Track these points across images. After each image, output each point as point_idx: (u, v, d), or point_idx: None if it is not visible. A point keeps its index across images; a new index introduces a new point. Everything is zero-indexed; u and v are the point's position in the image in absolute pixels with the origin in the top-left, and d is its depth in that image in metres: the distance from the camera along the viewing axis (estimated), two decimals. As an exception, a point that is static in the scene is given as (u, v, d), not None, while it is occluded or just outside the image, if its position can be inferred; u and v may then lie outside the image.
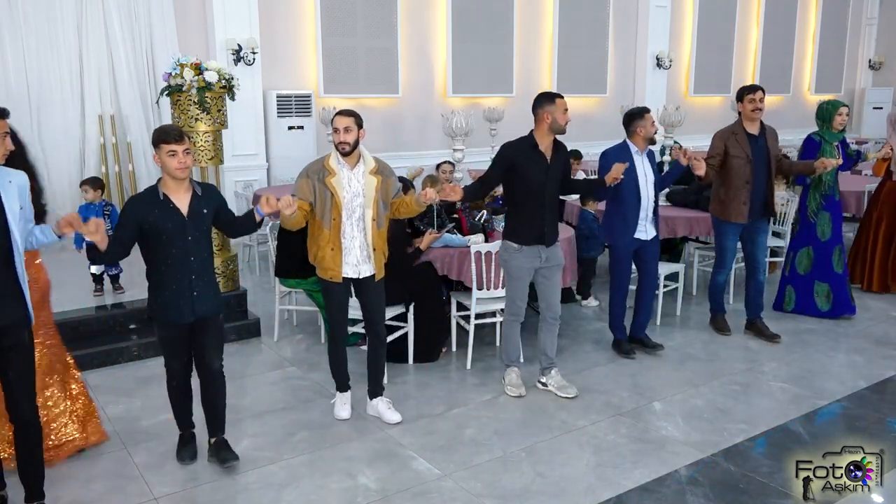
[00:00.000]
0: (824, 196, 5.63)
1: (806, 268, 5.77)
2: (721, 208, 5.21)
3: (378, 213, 3.86)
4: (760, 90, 5.08)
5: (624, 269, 4.92)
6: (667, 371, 4.82)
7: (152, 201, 3.32)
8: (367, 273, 3.92)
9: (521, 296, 4.35)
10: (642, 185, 4.70)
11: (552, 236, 4.27)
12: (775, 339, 5.28)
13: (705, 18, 13.10)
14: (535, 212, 4.18)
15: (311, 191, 3.77)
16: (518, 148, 4.19)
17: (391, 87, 9.77)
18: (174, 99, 5.34)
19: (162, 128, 3.35)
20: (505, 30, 10.68)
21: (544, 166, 4.16)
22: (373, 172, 3.83)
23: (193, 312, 3.40)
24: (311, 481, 3.49)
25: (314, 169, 3.83)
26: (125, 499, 3.35)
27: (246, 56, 8.36)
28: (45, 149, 7.78)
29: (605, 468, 3.59)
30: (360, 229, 3.85)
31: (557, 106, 4.13)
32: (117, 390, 4.51)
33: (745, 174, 5.05)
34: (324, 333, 5.35)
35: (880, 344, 5.27)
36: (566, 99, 4.29)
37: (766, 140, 5.12)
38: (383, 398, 4.17)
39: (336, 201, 3.76)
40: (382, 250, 3.98)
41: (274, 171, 8.78)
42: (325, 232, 3.82)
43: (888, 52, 16.12)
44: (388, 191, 3.91)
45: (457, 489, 3.41)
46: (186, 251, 3.34)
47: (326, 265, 3.87)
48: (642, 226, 4.78)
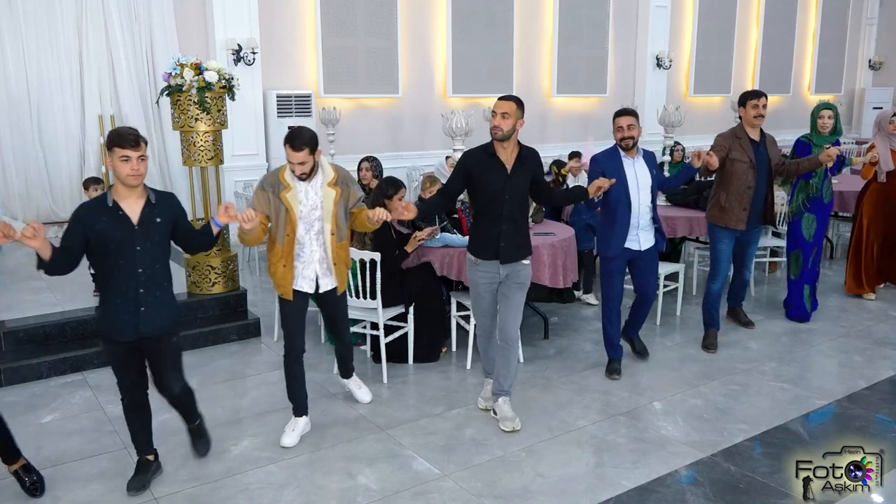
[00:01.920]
0: (810, 198, 5.57)
1: (796, 272, 5.73)
2: (720, 214, 5.03)
3: (338, 226, 3.70)
4: (764, 96, 4.98)
5: (614, 282, 4.57)
6: (667, 371, 4.82)
7: (101, 208, 3.10)
8: (327, 286, 3.80)
9: (482, 311, 4.02)
10: (633, 192, 4.39)
11: (511, 252, 3.86)
12: (749, 324, 5.54)
13: (705, 18, 13.10)
14: (491, 224, 3.83)
15: (268, 203, 3.62)
16: (476, 156, 3.86)
17: (391, 87, 9.77)
18: (174, 99, 5.34)
19: (117, 130, 3.15)
20: (505, 30, 10.69)
21: (503, 176, 3.79)
22: (332, 184, 3.66)
23: (137, 330, 3.16)
24: (311, 481, 3.49)
25: (270, 181, 3.66)
26: (125, 499, 3.34)
27: (246, 56, 8.36)
28: (45, 149, 7.79)
29: (605, 468, 3.59)
30: (320, 243, 3.71)
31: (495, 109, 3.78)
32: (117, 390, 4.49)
33: (749, 179, 4.92)
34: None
35: (880, 344, 5.27)
36: (566, 99, 4.26)
37: (766, 147, 5.02)
38: (354, 378, 4.29)
39: (290, 217, 3.60)
40: (346, 263, 3.84)
41: (274, 171, 8.77)
42: (277, 248, 3.66)
43: (888, 52, 16.12)
44: (349, 201, 3.77)
45: (457, 489, 3.41)
46: (134, 262, 3.10)
47: (278, 281, 3.73)
48: (633, 234, 4.46)
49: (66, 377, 4.71)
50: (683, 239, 6.75)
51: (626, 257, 4.52)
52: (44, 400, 4.38)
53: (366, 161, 5.83)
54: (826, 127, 5.44)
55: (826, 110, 5.46)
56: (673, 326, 5.71)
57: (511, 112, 3.71)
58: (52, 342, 4.92)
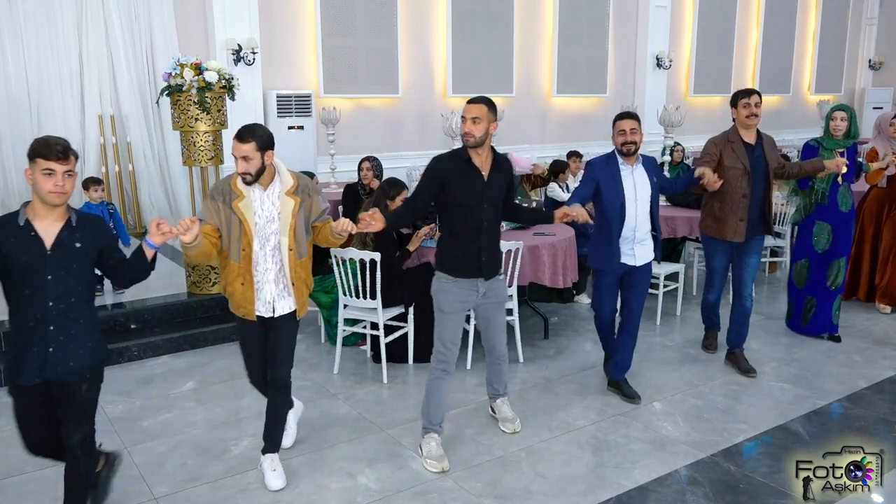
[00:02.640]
0: (816, 204, 5.17)
1: (801, 282, 5.38)
2: (715, 225, 4.65)
3: (297, 240, 3.26)
4: (756, 94, 4.56)
5: (603, 298, 4.28)
6: (667, 371, 4.82)
7: (10, 226, 2.66)
8: (283, 310, 3.33)
9: (451, 338, 3.59)
10: (630, 202, 4.06)
11: (492, 267, 3.61)
12: (751, 372, 4.72)
13: (705, 18, 13.10)
14: (470, 239, 3.51)
15: (218, 214, 3.19)
16: (449, 163, 3.52)
17: (391, 87, 9.77)
18: (174, 99, 5.34)
19: (44, 139, 2.66)
20: (505, 30, 10.68)
21: (480, 185, 3.49)
22: (290, 193, 3.22)
23: (41, 372, 2.71)
24: (311, 481, 3.49)
25: (220, 189, 3.22)
26: (125, 499, 3.34)
27: (246, 56, 8.36)
28: (45, 149, 7.78)
29: (605, 468, 3.59)
30: (276, 260, 3.26)
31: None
32: (117, 390, 4.50)
33: (743, 187, 4.51)
34: (323, 333, 5.35)
35: (880, 344, 5.27)
36: (566, 99, 4.19)
37: (763, 150, 4.60)
38: (270, 455, 3.48)
39: (245, 229, 3.17)
40: (306, 283, 3.39)
41: (274, 171, 8.78)
42: (232, 265, 3.23)
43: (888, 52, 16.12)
44: (311, 213, 3.32)
45: (457, 489, 3.41)
46: (43, 293, 2.65)
47: (237, 301, 3.31)
48: (628, 248, 4.13)
49: (66, 377, 4.70)
50: (684, 239, 6.75)
51: (620, 272, 4.19)
52: (44, 400, 4.37)
53: (366, 161, 5.83)
54: (839, 130, 5.01)
55: (839, 112, 5.05)
56: (673, 326, 5.71)
57: (482, 116, 3.40)
58: (52, 342, 4.91)
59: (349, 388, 4.55)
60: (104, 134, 7.91)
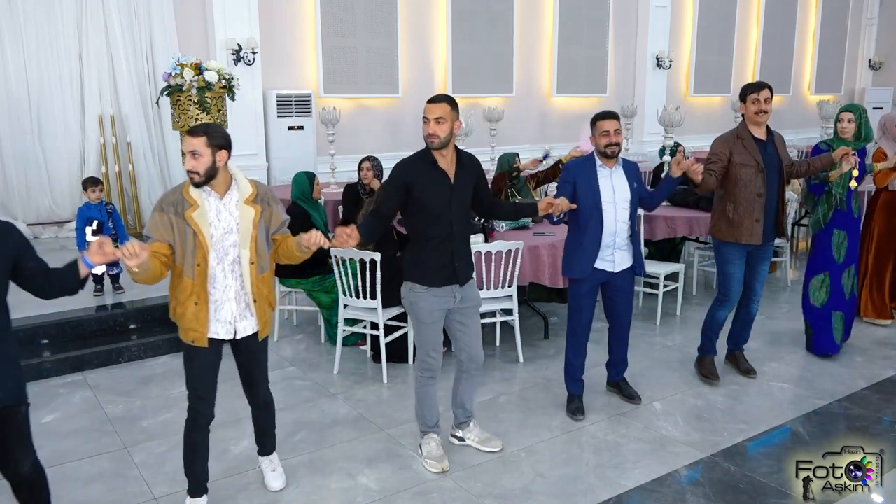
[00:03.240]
0: (835, 210, 4.81)
1: (822, 299, 4.93)
2: (729, 229, 4.32)
3: (258, 253, 2.99)
4: (767, 88, 4.27)
5: (581, 307, 4.02)
6: (667, 371, 4.82)
7: None
8: (246, 331, 3.07)
9: (434, 345, 3.51)
10: (607, 206, 3.86)
11: (466, 272, 3.48)
12: (751, 373, 4.67)
13: (705, 18, 13.11)
14: (442, 245, 3.38)
15: (168, 228, 2.88)
16: (414, 166, 3.36)
17: (391, 87, 9.78)
18: (174, 99, 5.35)
19: None
20: (505, 30, 10.69)
21: (447, 188, 3.35)
22: (250, 201, 2.97)
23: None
24: (311, 481, 3.49)
25: (170, 200, 2.91)
26: (125, 499, 3.35)
27: (246, 56, 8.36)
28: (45, 149, 7.79)
29: (605, 468, 3.59)
30: (236, 276, 2.98)
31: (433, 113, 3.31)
32: (117, 390, 4.51)
33: (758, 185, 4.22)
34: (323, 333, 5.36)
35: (880, 344, 5.27)
36: (566, 99, 4.14)
37: (775, 146, 4.35)
38: (269, 457, 3.47)
39: (200, 241, 2.88)
40: (269, 300, 3.12)
41: (274, 172, 8.79)
42: (186, 282, 2.92)
43: (888, 52, 16.13)
44: (271, 224, 3.07)
45: (457, 489, 3.41)
46: None
47: (188, 324, 2.96)
48: (608, 254, 3.92)
49: (66, 377, 4.71)
50: (683, 239, 6.75)
51: (597, 280, 3.98)
52: (44, 400, 4.38)
53: (367, 160, 5.83)
54: (846, 131, 4.77)
55: (846, 113, 4.79)
56: (673, 326, 5.70)
57: (446, 115, 3.26)
58: (52, 342, 4.92)
59: (349, 388, 4.55)
60: (104, 134, 7.91)
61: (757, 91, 4.26)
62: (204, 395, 3.08)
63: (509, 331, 5.29)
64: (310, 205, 5.09)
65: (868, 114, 4.93)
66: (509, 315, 4.96)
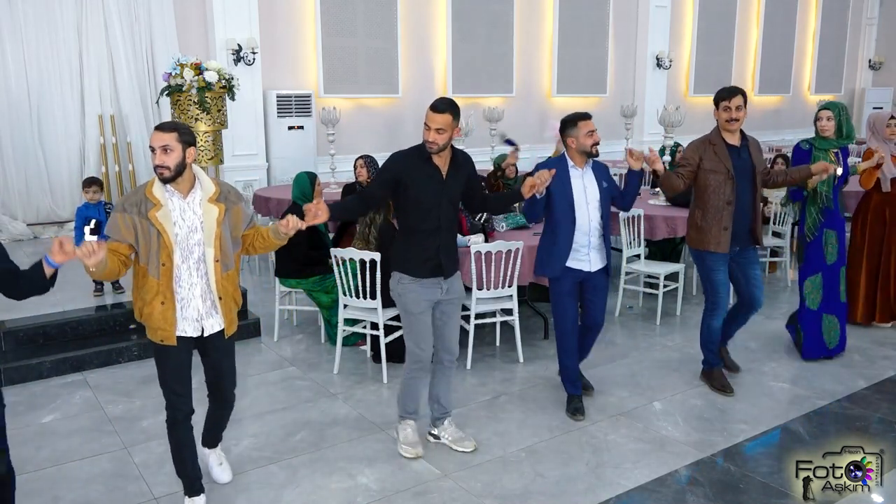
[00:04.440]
0: (822, 211, 4.73)
1: (816, 300, 4.84)
2: (699, 236, 4.27)
3: (223, 251, 3.01)
4: (739, 94, 4.15)
5: (565, 307, 4.01)
6: (667, 371, 4.82)
7: None
8: (213, 328, 3.09)
9: (423, 337, 3.58)
10: (580, 205, 3.89)
11: (452, 266, 3.57)
12: (735, 369, 4.68)
13: (705, 18, 13.11)
14: (429, 238, 3.48)
15: (130, 229, 2.89)
16: (408, 160, 3.46)
17: (391, 87, 9.78)
18: (174, 99, 5.35)
19: None
20: (505, 30, 10.69)
21: (439, 184, 3.44)
22: (213, 200, 2.99)
23: None
24: (311, 481, 3.49)
25: (133, 200, 2.92)
26: (125, 499, 3.34)
27: (246, 56, 8.37)
28: (45, 149, 7.80)
29: (605, 468, 3.59)
30: (201, 274, 3.00)
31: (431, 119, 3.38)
32: (117, 390, 4.51)
33: (726, 193, 4.15)
34: (323, 333, 5.36)
35: (880, 344, 5.27)
36: (566, 99, 4.14)
37: (749, 152, 4.24)
38: (216, 451, 3.53)
39: (165, 241, 2.90)
40: (234, 298, 3.14)
41: (274, 172, 8.80)
42: (151, 281, 2.94)
43: (888, 52, 16.13)
44: (237, 222, 3.08)
45: (457, 489, 3.41)
46: None
47: (155, 323, 2.98)
48: (583, 254, 3.94)
49: (66, 377, 4.71)
50: (683, 239, 6.74)
51: (575, 279, 3.99)
52: (44, 400, 4.38)
53: (360, 159, 5.86)
54: (826, 129, 4.68)
55: (825, 111, 4.71)
56: (673, 326, 5.70)
57: (447, 126, 3.34)
58: (52, 342, 4.92)
59: (349, 388, 4.55)
60: (104, 134, 7.92)
61: (728, 98, 4.14)
62: (181, 392, 3.10)
63: (509, 331, 5.29)
64: (310, 205, 5.08)
65: (848, 111, 4.87)
66: (509, 315, 4.96)
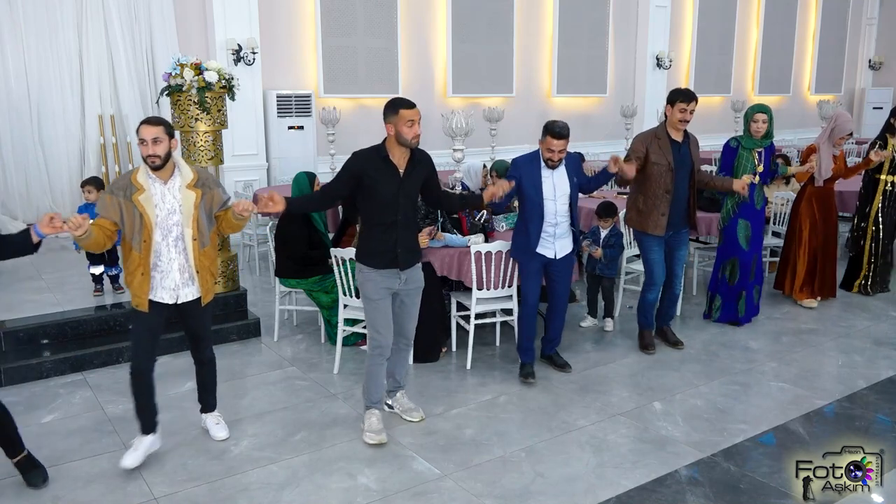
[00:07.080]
0: (739, 204, 5.34)
1: (733, 278, 5.52)
2: (639, 218, 4.87)
3: (200, 230, 3.47)
4: (695, 101, 4.70)
5: (530, 286, 4.52)
6: (667, 371, 4.82)
7: None
8: (189, 297, 3.54)
9: (383, 323, 3.81)
10: (548, 201, 4.36)
11: (409, 258, 3.80)
12: (678, 344, 5.17)
13: (705, 18, 13.11)
14: (386, 232, 3.72)
15: (116, 209, 3.35)
16: (368, 158, 3.73)
17: (391, 87, 9.77)
18: (174, 99, 5.34)
19: None
20: (505, 30, 10.69)
21: (396, 180, 3.69)
22: (191, 186, 3.44)
23: None
24: (311, 481, 3.49)
25: (120, 185, 3.39)
26: (125, 499, 3.35)
27: (246, 56, 8.36)
28: (45, 149, 7.80)
29: (605, 468, 3.59)
30: (180, 250, 3.47)
31: (400, 117, 3.62)
32: (117, 390, 4.50)
33: (666, 183, 4.71)
34: (323, 333, 5.36)
35: (880, 344, 5.28)
36: (566, 99, 4.20)
37: (689, 148, 4.80)
38: (213, 413, 3.94)
39: (146, 221, 3.36)
40: (211, 271, 3.60)
41: (274, 172, 8.79)
42: (134, 255, 3.42)
43: (888, 52, 16.13)
44: (213, 205, 3.54)
45: (457, 489, 3.41)
46: None
47: (134, 290, 3.48)
48: (549, 243, 4.42)
49: (66, 377, 4.71)
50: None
51: (540, 262, 4.48)
52: (44, 400, 4.38)
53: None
54: (759, 132, 5.20)
55: (761, 114, 5.20)
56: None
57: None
58: (52, 342, 4.92)
59: (349, 388, 4.55)
60: (104, 134, 7.92)
61: (686, 102, 4.67)
62: (143, 350, 3.54)
63: (509, 331, 5.29)
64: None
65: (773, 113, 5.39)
66: (509, 315, 4.96)
